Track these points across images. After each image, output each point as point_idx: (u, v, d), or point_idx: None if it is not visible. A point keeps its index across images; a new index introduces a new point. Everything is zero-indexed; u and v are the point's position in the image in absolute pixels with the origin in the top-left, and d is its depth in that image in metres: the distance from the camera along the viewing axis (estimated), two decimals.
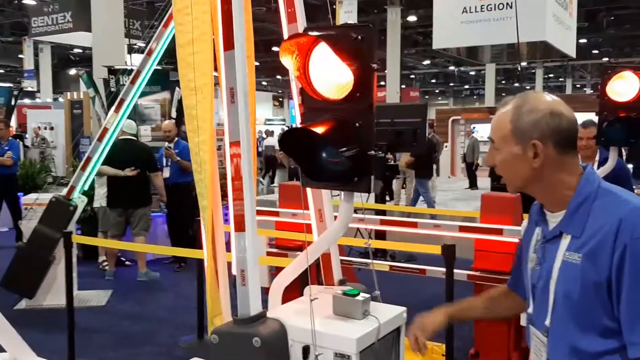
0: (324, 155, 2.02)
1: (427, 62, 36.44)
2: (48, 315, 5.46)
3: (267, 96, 34.60)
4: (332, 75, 1.98)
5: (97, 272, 7.00)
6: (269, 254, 5.38)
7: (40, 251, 5.33)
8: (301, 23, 2.82)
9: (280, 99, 49.41)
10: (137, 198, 6.66)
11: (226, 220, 2.66)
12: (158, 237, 7.52)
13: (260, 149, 17.70)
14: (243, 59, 2.20)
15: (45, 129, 16.13)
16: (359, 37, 1.93)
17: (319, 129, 1.92)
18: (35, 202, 5.68)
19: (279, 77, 43.63)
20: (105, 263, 6.97)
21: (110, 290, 6.22)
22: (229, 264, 2.66)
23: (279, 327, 2.12)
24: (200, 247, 5.04)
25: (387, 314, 2.22)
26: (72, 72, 15.10)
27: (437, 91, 50.66)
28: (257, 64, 37.18)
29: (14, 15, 25.20)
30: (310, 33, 1.97)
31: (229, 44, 2.19)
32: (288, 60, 1.96)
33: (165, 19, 5.27)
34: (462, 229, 4.37)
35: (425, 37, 30.30)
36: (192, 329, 4.85)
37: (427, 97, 49.52)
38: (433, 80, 43.71)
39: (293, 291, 2.52)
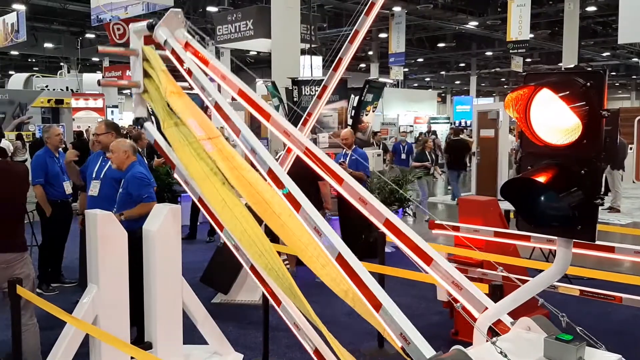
0: (542, 199, 2.00)
1: (606, 53, 33.61)
2: (240, 310, 5.98)
3: (432, 94, 34.08)
4: (555, 120, 1.95)
5: None
6: None
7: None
8: None
9: (443, 95, 48.60)
10: None
11: None
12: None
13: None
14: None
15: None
16: (588, 83, 1.88)
17: (541, 178, 1.90)
18: None
19: (442, 72, 43.00)
20: (287, 262, 7.43)
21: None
22: None
23: (458, 353, 2.12)
24: (376, 256, 5.19)
25: None
26: (259, 83, 16.14)
27: (616, 84, 46.51)
28: (421, 60, 37.03)
29: (198, 22, 27.62)
30: (531, 83, 1.95)
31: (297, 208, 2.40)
32: (510, 111, 1.97)
33: (351, 34, 5.43)
34: None
35: (605, 27, 27.95)
36: (372, 335, 4.99)
37: None
38: (613, 73, 40.19)
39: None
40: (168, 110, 3.16)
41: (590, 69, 1.93)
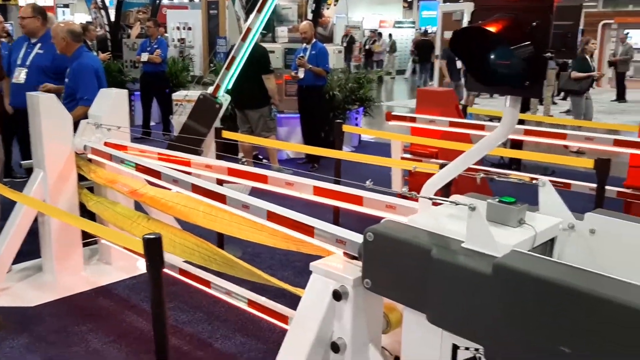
0: (493, 57, 1.93)
1: None
2: None
3: None
4: None
5: None
6: (403, 159, 5.40)
7: (189, 145, 5.70)
8: None
9: (410, 0, 47.35)
10: (248, 100, 6.70)
11: None
12: (292, 138, 7.77)
13: None
14: None
15: (184, 29, 16.84)
16: None
17: (493, 28, 1.83)
18: (184, 99, 6.04)
19: None
20: (244, 159, 7.33)
21: (250, 186, 6.57)
22: None
23: (387, 221, 2.13)
24: (334, 147, 5.14)
25: (543, 223, 2.18)
26: None
27: None
28: None
29: None
30: None
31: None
32: None
33: None
34: (618, 142, 4.08)
35: None
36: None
37: None
38: None
39: None
40: (87, 194, 4.15)
41: None
